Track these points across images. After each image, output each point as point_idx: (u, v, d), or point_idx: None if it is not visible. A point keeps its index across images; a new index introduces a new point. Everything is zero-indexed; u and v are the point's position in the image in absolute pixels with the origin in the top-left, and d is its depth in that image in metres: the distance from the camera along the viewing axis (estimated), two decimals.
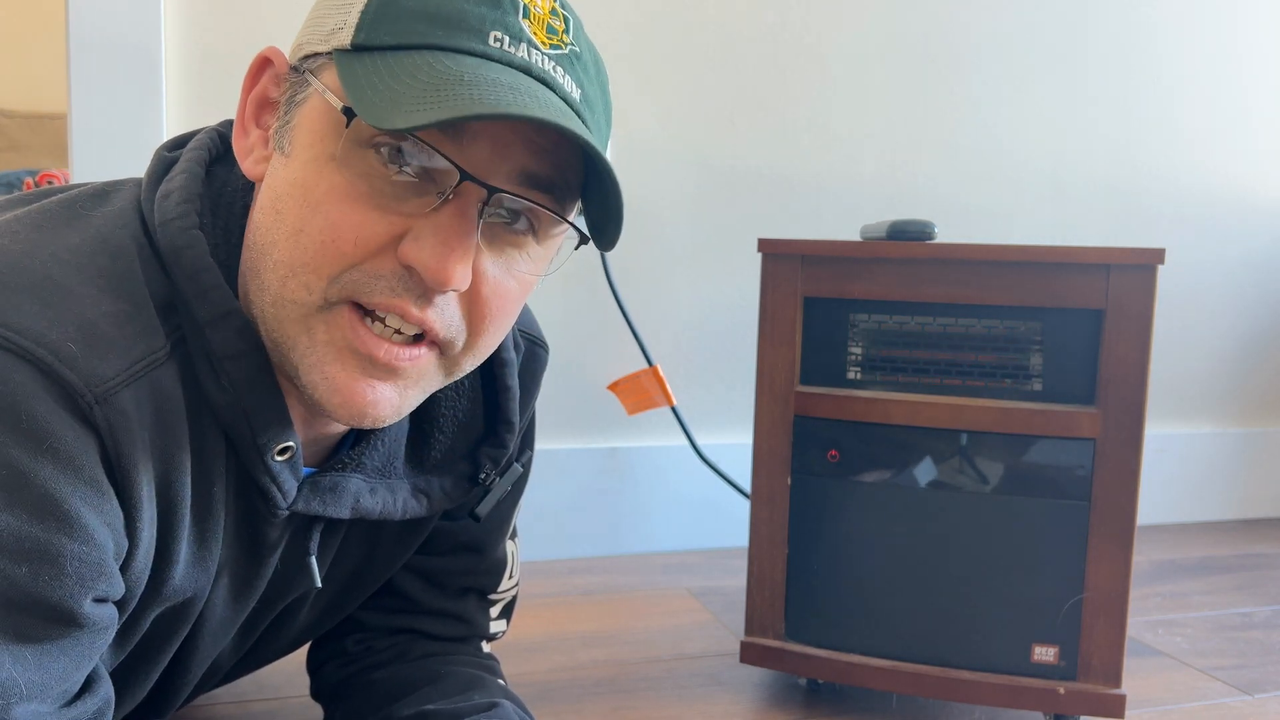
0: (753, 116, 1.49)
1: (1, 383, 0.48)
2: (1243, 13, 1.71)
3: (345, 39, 0.53)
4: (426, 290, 0.53)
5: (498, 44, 0.53)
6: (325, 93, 0.53)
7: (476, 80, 0.50)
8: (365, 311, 0.54)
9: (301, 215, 0.53)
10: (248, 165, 0.58)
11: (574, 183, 0.57)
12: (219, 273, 0.56)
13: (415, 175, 0.53)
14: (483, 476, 0.71)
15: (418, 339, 0.56)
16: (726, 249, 1.50)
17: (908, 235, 0.95)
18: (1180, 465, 1.76)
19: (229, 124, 0.64)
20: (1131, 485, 0.90)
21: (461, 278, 0.53)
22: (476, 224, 0.53)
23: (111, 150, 1.21)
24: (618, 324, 1.43)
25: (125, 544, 0.53)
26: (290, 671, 0.97)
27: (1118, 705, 0.90)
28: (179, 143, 0.63)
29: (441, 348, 0.57)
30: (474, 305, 0.56)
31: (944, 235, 1.56)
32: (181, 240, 0.56)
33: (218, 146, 0.63)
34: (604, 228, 0.57)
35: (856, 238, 1.46)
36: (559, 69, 0.55)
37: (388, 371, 0.55)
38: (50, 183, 2.48)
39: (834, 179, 1.54)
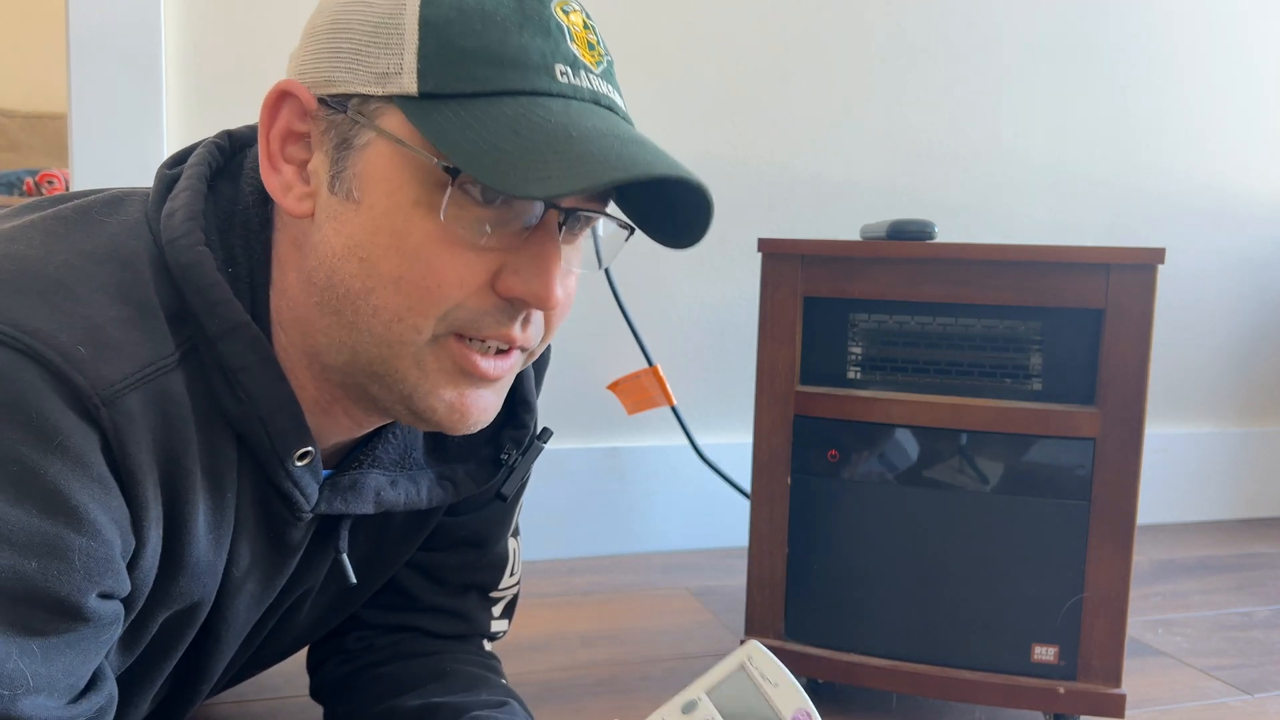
0: (753, 116, 1.49)
1: (12, 382, 0.48)
2: (1243, 12, 1.71)
3: (409, 86, 0.54)
4: (527, 314, 0.58)
5: (564, 78, 0.56)
6: (404, 143, 0.54)
7: (583, 134, 0.53)
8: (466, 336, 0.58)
9: (399, 264, 0.55)
10: (289, 203, 0.58)
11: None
12: (227, 288, 0.57)
13: (500, 208, 0.55)
14: (504, 457, 0.73)
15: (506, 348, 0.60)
16: (726, 249, 1.50)
17: (908, 235, 0.95)
18: (1180, 465, 1.76)
19: (226, 135, 0.65)
20: (1131, 485, 0.90)
21: (562, 294, 0.58)
22: (559, 243, 0.57)
23: (111, 150, 1.21)
24: (618, 324, 1.43)
25: (133, 542, 0.53)
26: (290, 671, 0.97)
27: (1118, 705, 0.90)
28: (178, 159, 0.64)
29: (525, 348, 0.62)
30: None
31: (944, 235, 1.56)
32: (188, 257, 0.56)
33: (217, 160, 0.63)
34: (686, 237, 0.61)
35: (856, 238, 1.46)
36: (608, 85, 0.58)
37: (490, 381, 0.60)
38: (50, 183, 2.48)
39: (834, 179, 1.54)
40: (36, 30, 2.98)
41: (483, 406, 0.60)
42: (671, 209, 0.60)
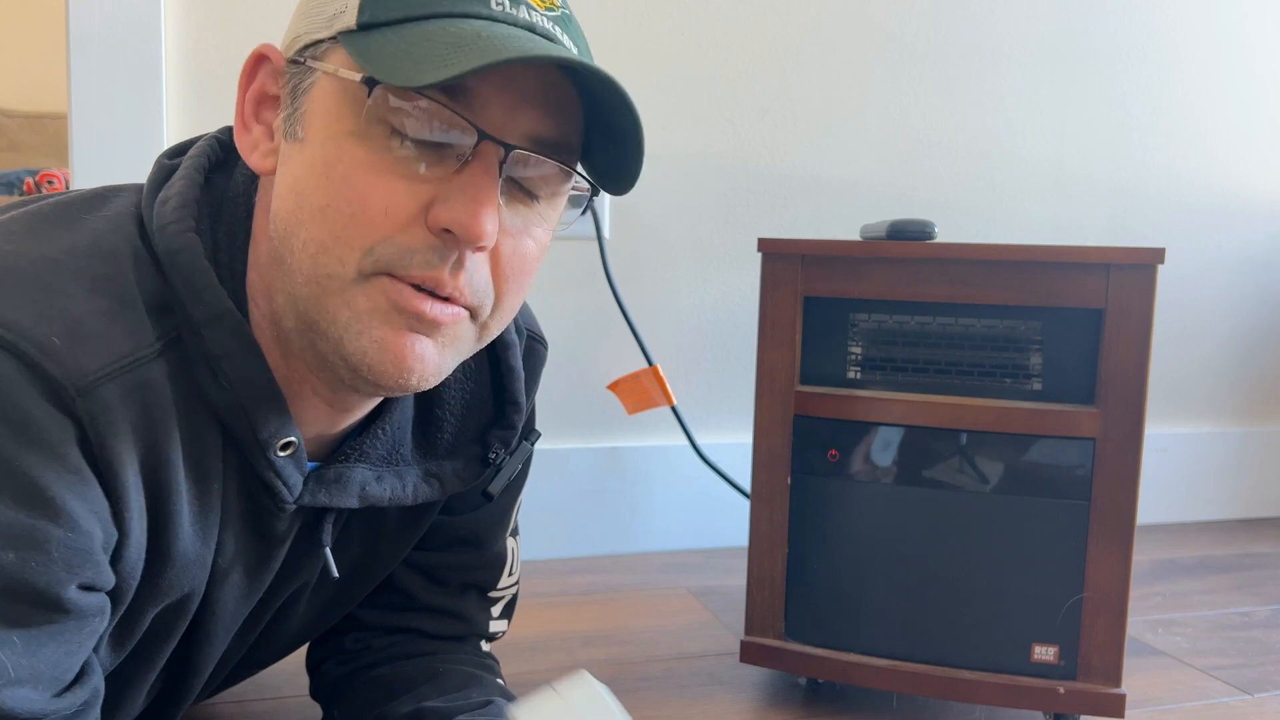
0: (752, 115, 1.49)
1: None
2: (1243, 11, 1.71)
3: (350, 21, 0.55)
4: (459, 256, 0.55)
5: (499, 7, 0.55)
6: (338, 71, 0.55)
7: (492, 35, 0.52)
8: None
9: (327, 191, 0.54)
10: (255, 160, 0.59)
11: (576, 144, 0.59)
12: (214, 275, 0.57)
13: (434, 143, 0.54)
14: (492, 456, 0.73)
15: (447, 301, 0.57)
16: (726, 249, 1.50)
17: (908, 235, 0.95)
18: (1180, 465, 1.76)
19: (228, 130, 0.65)
20: (1131, 485, 0.90)
21: (492, 230, 0.54)
22: (498, 181, 0.55)
23: (111, 150, 1.21)
24: (618, 324, 1.43)
25: (114, 534, 0.53)
26: (290, 671, 0.97)
27: (1118, 705, 0.90)
28: (179, 150, 0.64)
29: (472, 313, 0.58)
30: (498, 265, 0.58)
31: (944, 235, 1.56)
32: (177, 243, 0.57)
33: (217, 153, 0.64)
34: (621, 171, 0.59)
35: (856, 238, 1.46)
36: (557, 28, 0.57)
37: (431, 326, 0.56)
38: (50, 182, 2.48)
39: (834, 179, 1.54)
40: (36, 30, 2.98)
41: (420, 354, 0.56)
42: (622, 156, 0.58)
